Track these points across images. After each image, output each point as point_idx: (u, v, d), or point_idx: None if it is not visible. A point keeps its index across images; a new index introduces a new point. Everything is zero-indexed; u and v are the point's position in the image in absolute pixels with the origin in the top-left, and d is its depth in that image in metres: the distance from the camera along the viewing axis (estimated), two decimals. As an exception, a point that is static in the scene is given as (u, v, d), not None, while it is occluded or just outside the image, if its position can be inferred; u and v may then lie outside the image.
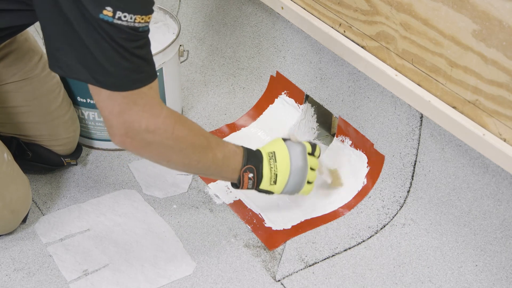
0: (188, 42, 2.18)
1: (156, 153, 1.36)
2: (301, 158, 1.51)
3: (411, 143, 1.59)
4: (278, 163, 1.49)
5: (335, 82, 1.75)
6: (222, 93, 2.03)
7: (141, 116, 1.30)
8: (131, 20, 1.21)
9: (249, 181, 1.48)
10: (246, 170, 1.47)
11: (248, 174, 1.47)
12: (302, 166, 1.51)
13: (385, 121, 1.64)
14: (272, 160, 1.49)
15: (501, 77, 1.32)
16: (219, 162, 1.44)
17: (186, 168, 1.43)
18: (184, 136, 1.37)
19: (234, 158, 1.46)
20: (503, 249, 1.44)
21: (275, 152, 1.50)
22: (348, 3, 1.61)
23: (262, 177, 1.49)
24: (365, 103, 1.68)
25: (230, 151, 1.46)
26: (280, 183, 1.50)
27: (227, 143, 1.47)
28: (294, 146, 1.52)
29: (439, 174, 1.54)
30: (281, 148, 1.51)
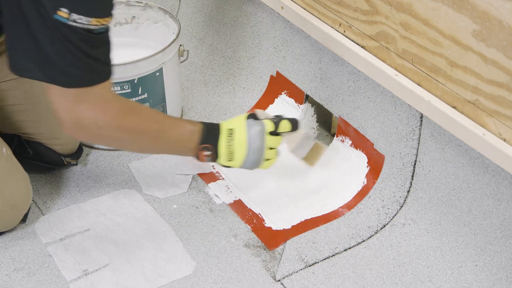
0: (188, 42, 2.18)
1: (107, 143, 1.47)
2: (259, 137, 1.53)
3: (411, 143, 1.59)
4: (235, 141, 1.52)
5: (335, 82, 1.75)
6: (222, 93, 2.03)
7: (90, 113, 1.36)
8: (86, 22, 1.25)
9: (206, 158, 1.52)
10: (203, 149, 1.51)
11: (204, 152, 1.51)
12: (259, 146, 1.53)
13: (385, 121, 1.64)
14: (230, 138, 1.52)
15: (501, 77, 1.32)
16: (174, 144, 1.50)
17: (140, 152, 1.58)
18: (134, 127, 1.42)
19: (190, 137, 1.50)
20: (503, 249, 1.44)
21: (234, 130, 1.53)
22: (348, 3, 1.61)
23: (219, 155, 1.53)
24: (365, 103, 1.68)
25: (186, 130, 1.50)
26: (236, 160, 1.54)
27: (184, 123, 1.52)
28: (254, 125, 1.54)
29: (439, 174, 1.54)
30: (240, 126, 1.54)
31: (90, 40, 1.28)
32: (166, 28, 1.94)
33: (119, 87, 1.74)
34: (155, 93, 1.81)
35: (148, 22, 1.97)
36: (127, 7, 1.96)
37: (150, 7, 1.95)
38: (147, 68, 1.76)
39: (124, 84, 1.74)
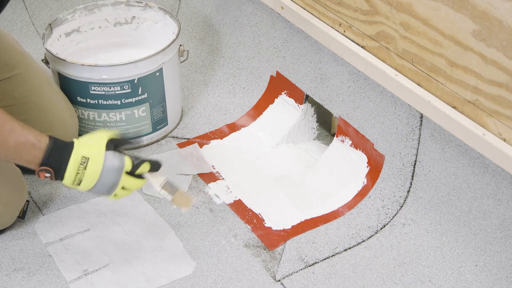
0: (188, 42, 2.18)
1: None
2: (114, 175, 1.39)
3: (411, 143, 1.59)
4: (87, 171, 1.38)
5: (335, 82, 1.75)
6: (222, 93, 2.03)
7: None
8: None
9: (46, 179, 1.38)
10: (42, 170, 1.37)
11: (45, 174, 1.37)
12: (111, 183, 1.40)
13: (385, 121, 1.64)
14: (82, 167, 1.37)
15: (501, 77, 1.32)
16: (10, 150, 1.35)
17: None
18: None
19: (30, 151, 1.36)
20: (503, 249, 1.44)
21: (90, 159, 1.38)
22: (348, 3, 1.61)
23: (64, 178, 1.38)
24: (365, 103, 1.68)
25: (28, 142, 1.35)
26: (84, 186, 1.39)
27: (28, 132, 1.36)
28: (113, 159, 1.39)
29: (439, 174, 1.54)
30: (97, 156, 1.39)
31: None
32: (166, 28, 1.94)
33: (119, 87, 1.75)
34: (155, 93, 1.81)
35: (148, 22, 1.97)
36: (127, 7, 1.96)
37: (150, 7, 1.95)
38: (147, 68, 1.76)
39: (124, 84, 1.75)
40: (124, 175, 1.41)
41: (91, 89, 1.75)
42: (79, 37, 1.95)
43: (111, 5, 1.95)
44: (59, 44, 1.90)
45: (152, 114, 1.83)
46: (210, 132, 1.91)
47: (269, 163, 1.82)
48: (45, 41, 1.82)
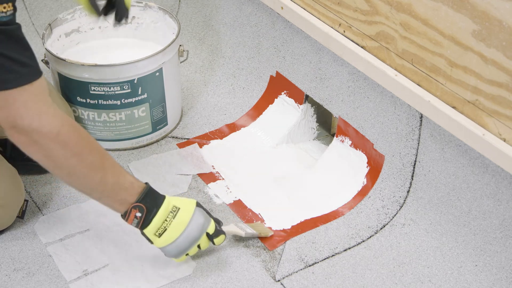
0: (188, 42, 2.18)
1: (42, 155, 1.31)
2: (198, 230, 1.43)
3: (411, 143, 1.59)
4: (175, 220, 1.40)
5: (335, 82, 1.75)
6: (222, 93, 2.03)
7: (23, 112, 1.27)
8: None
9: (135, 220, 1.39)
10: (136, 207, 1.38)
11: (136, 212, 1.38)
12: (194, 238, 1.43)
13: (385, 121, 1.64)
14: (171, 215, 1.40)
15: (501, 77, 1.32)
16: (108, 186, 1.36)
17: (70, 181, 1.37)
18: (72, 142, 1.31)
19: (127, 189, 1.38)
20: (503, 249, 1.44)
21: (180, 209, 1.42)
22: (348, 3, 1.61)
23: (150, 223, 1.40)
24: (365, 103, 1.68)
25: (126, 180, 1.38)
26: (164, 239, 1.41)
27: (126, 173, 1.40)
28: (201, 216, 1.44)
29: (439, 174, 1.54)
30: (188, 209, 1.43)
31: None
32: (166, 28, 1.94)
33: (119, 87, 1.75)
34: (154, 93, 1.81)
35: (148, 22, 1.97)
36: (127, 7, 1.96)
37: (150, 7, 1.95)
38: (147, 68, 1.76)
39: (124, 84, 1.75)
40: (204, 236, 1.45)
41: (91, 89, 1.75)
42: (79, 37, 1.95)
43: (111, 5, 1.95)
44: (59, 44, 1.90)
45: (152, 114, 1.83)
46: (210, 132, 1.91)
47: (269, 163, 1.82)
48: (45, 41, 1.82)
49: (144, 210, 1.39)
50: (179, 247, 1.43)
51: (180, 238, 1.42)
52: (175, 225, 1.41)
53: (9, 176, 1.55)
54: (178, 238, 1.42)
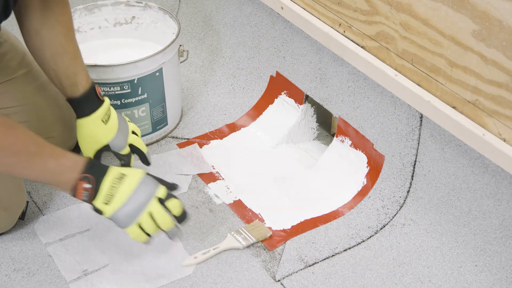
0: (188, 42, 2.18)
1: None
2: (145, 194, 1.39)
3: (411, 143, 1.59)
4: (122, 186, 1.38)
5: (335, 82, 1.75)
6: (222, 93, 2.03)
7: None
8: None
9: (84, 192, 1.37)
10: (84, 179, 1.36)
11: (84, 184, 1.36)
12: (140, 203, 1.38)
13: (385, 121, 1.64)
14: (118, 181, 1.38)
15: (501, 77, 1.32)
16: (49, 172, 1.36)
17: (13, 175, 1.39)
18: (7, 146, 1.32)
19: (71, 167, 1.37)
20: (503, 249, 1.44)
21: (127, 176, 1.39)
22: (348, 3, 1.61)
23: (98, 192, 1.37)
24: (365, 103, 1.68)
25: (69, 160, 1.37)
26: (111, 207, 1.38)
27: (67, 153, 1.38)
28: (149, 183, 1.40)
29: (439, 174, 1.54)
30: (135, 176, 1.40)
31: None
32: (166, 28, 1.94)
33: (119, 87, 1.75)
34: (154, 93, 1.81)
35: (148, 22, 1.97)
36: (127, 7, 1.96)
37: (150, 7, 1.95)
38: (147, 68, 1.76)
39: (124, 84, 1.75)
40: (155, 200, 1.40)
41: (91, 89, 1.75)
42: (79, 37, 1.94)
43: (111, 5, 1.95)
44: (59, 44, 1.90)
45: (152, 114, 1.83)
46: (210, 132, 1.91)
47: (269, 163, 1.82)
48: (45, 41, 1.82)
49: (92, 179, 1.36)
50: (127, 213, 1.38)
51: (127, 204, 1.37)
52: (122, 190, 1.37)
53: (12, 179, 1.55)
54: (126, 203, 1.37)
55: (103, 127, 1.55)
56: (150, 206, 1.39)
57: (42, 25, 1.50)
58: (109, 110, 1.57)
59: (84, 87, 1.53)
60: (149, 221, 1.40)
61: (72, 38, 1.54)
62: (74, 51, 1.54)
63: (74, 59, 1.53)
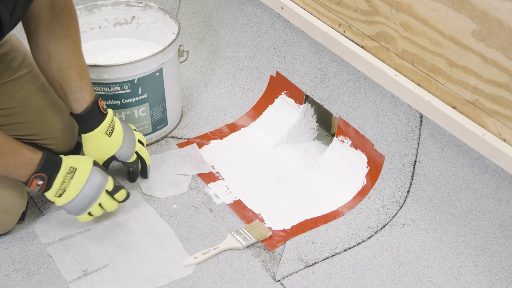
0: (188, 42, 2.18)
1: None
2: (96, 188, 1.52)
3: (411, 143, 1.59)
4: (73, 181, 1.50)
5: (335, 82, 1.75)
6: (222, 93, 2.03)
7: None
8: None
9: (37, 187, 1.48)
10: (38, 177, 1.47)
11: (38, 181, 1.47)
12: (91, 196, 1.52)
13: (385, 121, 1.64)
14: (69, 176, 1.50)
15: (501, 77, 1.32)
16: (10, 166, 1.46)
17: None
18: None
19: (27, 164, 1.46)
20: (503, 249, 1.44)
21: (77, 169, 1.50)
22: (348, 3, 1.61)
23: (51, 187, 1.49)
24: (365, 103, 1.68)
25: (25, 158, 1.46)
26: (63, 199, 1.50)
27: (25, 149, 1.46)
28: (98, 174, 1.52)
29: (439, 174, 1.54)
30: (84, 168, 1.51)
31: None
32: (166, 28, 1.94)
33: (119, 87, 1.75)
34: (154, 93, 1.81)
35: (148, 22, 1.97)
36: (127, 7, 1.96)
37: (150, 7, 1.95)
38: (147, 68, 1.76)
39: (124, 84, 1.75)
40: (104, 193, 1.54)
41: (91, 89, 1.75)
42: (79, 37, 1.95)
43: (111, 5, 1.95)
44: (59, 44, 1.90)
45: (152, 114, 1.83)
46: (210, 132, 1.91)
47: (269, 163, 1.82)
48: (45, 41, 1.82)
49: (45, 178, 1.47)
50: (78, 204, 1.52)
51: (78, 197, 1.50)
52: (72, 185, 1.50)
53: (13, 181, 1.56)
54: (76, 196, 1.50)
55: (108, 140, 1.60)
56: (101, 199, 1.53)
57: (50, 40, 1.53)
58: (113, 122, 1.61)
59: (87, 102, 1.57)
60: (98, 209, 1.55)
61: (79, 53, 1.57)
62: (80, 65, 1.57)
63: (80, 74, 1.56)
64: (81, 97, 1.56)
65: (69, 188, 1.50)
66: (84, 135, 1.60)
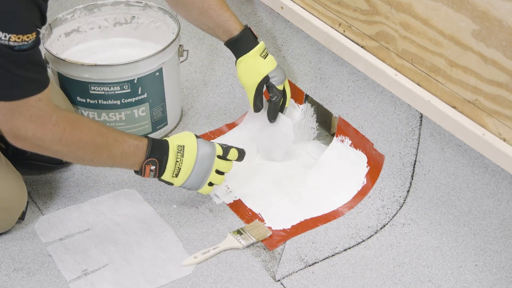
0: (188, 42, 2.18)
1: (48, 153, 1.45)
2: (208, 158, 1.55)
3: (411, 143, 1.59)
4: (185, 158, 1.53)
5: (335, 82, 1.75)
6: (222, 93, 2.03)
7: (28, 125, 1.36)
8: (5, 38, 1.25)
9: (151, 173, 1.52)
10: (149, 163, 1.50)
11: (150, 167, 1.51)
12: (206, 167, 1.55)
13: (385, 121, 1.64)
14: (180, 154, 1.53)
15: (500, 77, 1.32)
16: (117, 158, 1.48)
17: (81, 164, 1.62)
18: (74, 141, 1.42)
19: (134, 153, 1.50)
20: (503, 249, 1.44)
21: (184, 146, 1.54)
22: (348, 3, 1.61)
23: (165, 169, 1.52)
24: (365, 103, 1.68)
25: (131, 146, 1.49)
26: (181, 177, 1.54)
27: (129, 137, 1.50)
28: (205, 145, 1.56)
29: (439, 174, 1.54)
30: (191, 144, 1.55)
31: (10, 57, 1.28)
32: (166, 28, 1.94)
33: (119, 87, 1.75)
34: (154, 93, 1.81)
35: (148, 22, 1.97)
36: (127, 7, 1.96)
37: (150, 7, 1.95)
38: (147, 68, 1.76)
39: (123, 84, 1.75)
40: (217, 159, 1.57)
41: (91, 89, 1.75)
42: (79, 37, 1.95)
43: (111, 5, 1.95)
44: (59, 44, 1.90)
45: (152, 114, 1.83)
46: (210, 132, 1.91)
47: (269, 163, 1.82)
48: (44, 41, 1.82)
49: (156, 162, 1.51)
50: (196, 179, 1.55)
51: (194, 171, 1.54)
52: (186, 162, 1.53)
53: (14, 180, 1.56)
54: (192, 171, 1.54)
55: (262, 61, 1.68)
56: (215, 166, 1.57)
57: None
58: (266, 50, 1.70)
59: (237, 29, 1.67)
60: (217, 176, 1.58)
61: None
62: (216, 3, 1.67)
63: (220, 9, 1.67)
64: (229, 27, 1.67)
65: (184, 166, 1.53)
66: (239, 59, 1.69)
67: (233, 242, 1.56)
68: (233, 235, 1.57)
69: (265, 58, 1.69)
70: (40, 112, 1.37)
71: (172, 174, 1.53)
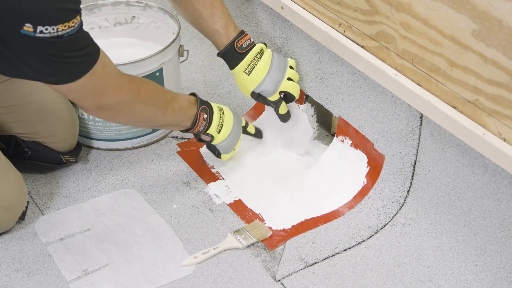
0: (188, 42, 2.18)
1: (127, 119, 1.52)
2: (239, 126, 1.71)
3: (411, 143, 1.59)
4: (226, 117, 1.66)
5: (335, 82, 1.75)
6: (222, 93, 2.03)
7: (106, 92, 1.41)
8: (53, 31, 1.25)
9: (203, 122, 1.61)
10: (203, 110, 1.61)
11: (204, 115, 1.61)
12: (238, 133, 1.71)
13: (385, 121, 1.64)
14: (221, 113, 1.66)
15: (500, 77, 1.32)
16: (177, 112, 1.58)
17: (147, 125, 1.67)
18: (148, 96, 1.50)
19: (189, 106, 1.60)
20: (503, 249, 1.44)
21: (223, 109, 1.67)
22: (348, 3, 1.61)
23: (212, 122, 1.63)
24: (365, 103, 1.68)
25: (184, 100, 1.59)
26: (222, 134, 1.66)
27: (178, 94, 1.60)
28: (237, 117, 1.71)
29: (439, 174, 1.54)
30: (227, 109, 1.69)
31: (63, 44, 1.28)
32: (166, 28, 1.94)
33: (119, 87, 1.74)
34: (155, 93, 1.81)
35: (148, 22, 1.97)
36: (127, 7, 1.96)
37: (150, 7, 1.95)
38: (147, 68, 1.76)
39: (124, 84, 1.74)
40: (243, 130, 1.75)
41: (91, 89, 1.75)
42: (79, 37, 1.95)
43: (111, 5, 1.95)
44: (59, 44, 1.89)
45: (152, 114, 1.83)
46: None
47: (269, 163, 1.82)
48: (45, 41, 1.81)
49: (207, 110, 1.62)
50: (231, 141, 1.69)
51: (231, 133, 1.68)
52: (226, 121, 1.66)
53: (14, 180, 1.56)
54: (231, 132, 1.67)
55: (246, 78, 1.70)
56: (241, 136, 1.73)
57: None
58: (254, 61, 1.70)
59: (223, 44, 1.69)
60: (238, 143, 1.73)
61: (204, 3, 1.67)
62: (207, 13, 1.67)
63: (210, 20, 1.68)
64: (217, 40, 1.69)
65: (225, 124, 1.65)
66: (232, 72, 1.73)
67: (233, 242, 1.56)
68: (233, 235, 1.57)
69: (249, 74, 1.69)
70: (111, 76, 1.41)
71: (216, 129, 1.63)
